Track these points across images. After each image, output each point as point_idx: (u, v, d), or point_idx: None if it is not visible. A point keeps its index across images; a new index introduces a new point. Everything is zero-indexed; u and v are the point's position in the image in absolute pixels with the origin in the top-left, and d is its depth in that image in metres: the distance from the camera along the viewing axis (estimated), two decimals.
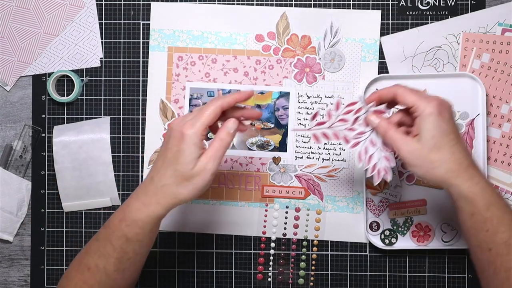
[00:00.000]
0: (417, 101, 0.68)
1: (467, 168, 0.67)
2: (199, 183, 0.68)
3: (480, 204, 0.66)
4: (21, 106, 0.91)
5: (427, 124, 0.67)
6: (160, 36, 0.89)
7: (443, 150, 0.67)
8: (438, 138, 0.66)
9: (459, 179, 0.67)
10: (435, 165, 0.67)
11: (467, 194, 0.66)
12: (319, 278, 0.89)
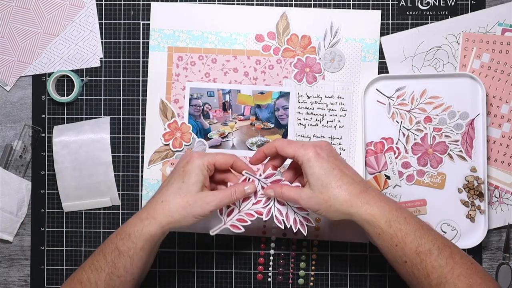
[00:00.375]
0: (295, 151, 0.71)
1: (358, 195, 0.70)
2: (197, 211, 0.72)
3: (381, 223, 0.69)
4: (21, 106, 0.91)
5: (310, 169, 0.70)
6: (160, 36, 0.89)
7: (330, 187, 0.70)
8: (323, 178, 0.70)
9: (354, 207, 0.70)
10: (330, 203, 0.70)
11: (366, 217, 0.70)
12: (319, 278, 0.89)
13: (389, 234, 0.69)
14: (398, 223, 0.69)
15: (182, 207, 0.71)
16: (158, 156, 0.89)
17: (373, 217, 0.70)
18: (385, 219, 0.69)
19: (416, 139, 0.87)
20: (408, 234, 0.69)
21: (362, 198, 0.70)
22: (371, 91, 0.88)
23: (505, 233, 0.88)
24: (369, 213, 0.69)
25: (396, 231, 0.69)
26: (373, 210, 0.70)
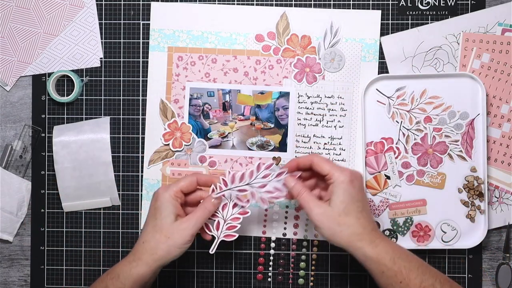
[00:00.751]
0: (331, 170, 0.75)
1: (370, 232, 0.73)
2: (178, 241, 0.74)
3: (386, 261, 0.72)
4: (21, 106, 0.91)
5: (339, 190, 0.73)
6: (160, 36, 0.89)
7: (351, 215, 0.73)
8: (347, 203, 0.73)
9: (362, 242, 0.73)
10: (342, 227, 0.73)
11: (372, 255, 0.72)
12: (319, 278, 0.89)
13: (394, 271, 0.72)
14: (402, 260, 0.72)
15: (162, 242, 0.74)
16: (158, 156, 0.89)
17: (378, 255, 0.72)
18: (390, 257, 0.72)
19: (416, 139, 0.87)
20: (412, 270, 0.72)
21: (372, 235, 0.73)
22: (371, 91, 0.88)
23: (505, 233, 0.88)
24: (375, 251, 0.72)
25: (401, 267, 0.72)
26: (378, 249, 0.72)
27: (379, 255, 0.72)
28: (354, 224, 0.73)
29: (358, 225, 0.73)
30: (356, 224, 0.73)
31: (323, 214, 0.73)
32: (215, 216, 0.79)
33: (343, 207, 0.73)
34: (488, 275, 0.89)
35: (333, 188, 0.74)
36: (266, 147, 0.89)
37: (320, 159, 0.77)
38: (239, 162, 0.89)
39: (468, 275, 0.89)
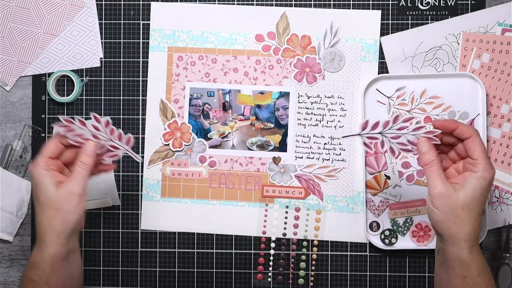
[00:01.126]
0: (482, 160, 0.68)
1: (475, 237, 0.69)
2: (69, 208, 0.69)
3: (474, 270, 0.69)
4: (21, 106, 0.91)
5: (477, 185, 0.67)
6: (160, 36, 0.89)
7: (472, 213, 0.68)
8: (476, 201, 0.68)
9: (466, 243, 0.68)
10: (457, 221, 0.68)
11: (466, 259, 0.68)
12: (319, 278, 0.89)
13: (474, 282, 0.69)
14: (486, 275, 0.70)
15: (54, 216, 0.69)
16: (158, 156, 0.89)
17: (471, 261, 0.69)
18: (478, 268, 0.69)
19: None
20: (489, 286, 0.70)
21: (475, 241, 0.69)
22: (371, 91, 0.88)
23: (505, 233, 0.88)
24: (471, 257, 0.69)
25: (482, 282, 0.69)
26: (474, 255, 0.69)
27: (472, 262, 0.68)
28: (471, 223, 0.68)
29: (472, 226, 0.68)
30: (472, 224, 0.68)
31: (446, 198, 0.68)
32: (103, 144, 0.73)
33: (470, 202, 0.67)
34: None
35: (471, 178, 0.68)
36: (266, 147, 0.89)
37: (478, 141, 0.69)
38: (239, 162, 0.89)
39: None
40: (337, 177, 0.89)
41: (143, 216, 0.90)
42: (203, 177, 0.89)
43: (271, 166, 0.89)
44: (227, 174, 0.89)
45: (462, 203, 0.67)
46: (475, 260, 0.69)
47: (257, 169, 0.89)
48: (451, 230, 0.68)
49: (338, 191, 0.89)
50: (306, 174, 0.89)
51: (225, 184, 0.89)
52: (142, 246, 0.90)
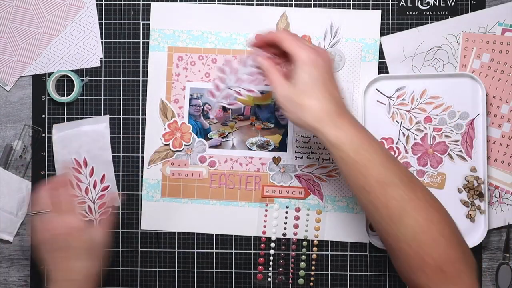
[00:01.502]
0: (295, 49, 0.70)
1: (330, 114, 0.69)
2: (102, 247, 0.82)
3: (347, 149, 0.68)
4: (21, 106, 0.91)
5: (300, 71, 0.69)
6: (160, 36, 0.89)
7: (312, 97, 0.69)
8: (309, 85, 0.69)
9: (326, 128, 0.69)
10: (303, 111, 0.69)
11: (334, 141, 0.68)
12: (319, 278, 0.89)
13: (355, 161, 0.68)
14: (366, 151, 0.68)
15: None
16: (158, 156, 0.89)
17: (340, 142, 0.68)
18: (353, 146, 0.68)
19: (416, 139, 0.87)
20: (374, 163, 0.68)
21: (336, 121, 0.69)
22: (371, 91, 0.88)
23: (505, 233, 0.88)
24: (338, 138, 0.68)
25: (363, 159, 0.68)
26: (342, 136, 0.68)
27: (342, 143, 0.68)
28: (314, 107, 0.69)
29: (319, 110, 0.68)
30: (317, 108, 0.69)
31: (286, 96, 0.70)
32: (82, 203, 0.87)
33: (304, 89, 0.69)
34: (488, 275, 0.89)
35: (296, 68, 0.70)
36: (266, 147, 0.89)
37: (286, 36, 0.72)
38: (239, 162, 0.89)
39: None
40: (337, 177, 0.89)
41: (143, 216, 0.90)
42: (203, 177, 0.89)
43: (271, 166, 0.89)
44: (227, 174, 0.89)
45: (298, 93, 0.69)
46: (347, 140, 0.68)
47: (257, 169, 0.89)
48: (305, 121, 0.70)
49: (338, 191, 0.89)
50: (306, 174, 0.89)
51: (225, 184, 0.89)
52: (142, 246, 0.90)
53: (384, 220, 0.68)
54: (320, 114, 0.69)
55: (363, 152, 0.68)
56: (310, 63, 0.69)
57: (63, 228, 0.76)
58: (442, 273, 0.66)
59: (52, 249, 0.77)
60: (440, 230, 0.67)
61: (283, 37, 0.72)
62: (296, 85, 0.70)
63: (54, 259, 0.77)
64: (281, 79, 0.71)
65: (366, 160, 0.68)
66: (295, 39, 0.72)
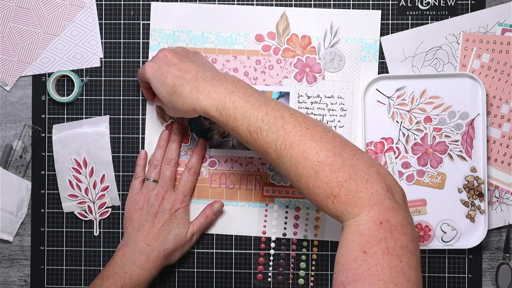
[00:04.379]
0: (142, 74, 0.80)
1: (189, 93, 0.73)
2: (187, 249, 0.87)
3: (213, 113, 0.72)
4: (21, 106, 0.91)
5: (154, 88, 0.78)
6: (160, 36, 0.89)
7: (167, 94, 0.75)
8: (162, 90, 0.76)
9: (190, 105, 0.73)
10: (176, 108, 0.76)
11: (200, 111, 0.73)
12: (319, 278, 0.89)
13: (222, 121, 0.72)
14: (227, 110, 0.71)
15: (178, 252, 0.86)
16: None
17: (205, 109, 0.72)
18: (215, 109, 0.71)
19: (416, 139, 0.87)
20: (236, 118, 0.70)
21: (193, 95, 0.73)
22: (371, 91, 0.88)
23: (505, 233, 0.88)
24: (201, 106, 0.72)
25: (226, 117, 0.71)
26: (203, 103, 0.72)
27: (206, 109, 0.72)
28: (174, 98, 0.75)
29: (176, 96, 0.74)
30: (174, 97, 0.74)
31: (168, 110, 0.80)
32: (82, 203, 0.88)
33: (163, 96, 0.76)
34: (488, 275, 0.89)
35: None
36: None
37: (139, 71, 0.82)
38: (239, 162, 0.89)
39: (468, 275, 0.89)
40: None
41: None
42: (203, 177, 0.89)
43: (271, 166, 0.89)
44: (227, 174, 0.89)
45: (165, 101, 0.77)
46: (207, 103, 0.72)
47: (257, 169, 0.89)
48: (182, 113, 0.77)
49: None
50: None
51: (225, 184, 0.89)
52: None
53: (272, 163, 0.70)
54: (182, 101, 0.74)
55: (225, 110, 0.71)
56: (152, 73, 0.77)
57: (172, 203, 0.83)
58: (335, 198, 0.64)
59: (149, 212, 0.83)
60: (319, 158, 0.65)
61: (138, 76, 0.83)
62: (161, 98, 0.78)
63: (145, 221, 0.83)
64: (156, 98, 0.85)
65: (229, 117, 0.71)
66: (140, 68, 0.81)
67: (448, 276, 0.89)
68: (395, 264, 0.60)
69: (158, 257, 0.82)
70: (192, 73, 0.75)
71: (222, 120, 0.71)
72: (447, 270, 0.89)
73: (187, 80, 0.74)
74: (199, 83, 0.73)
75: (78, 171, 0.88)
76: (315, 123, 0.69)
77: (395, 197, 0.64)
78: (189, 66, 0.76)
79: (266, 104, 0.70)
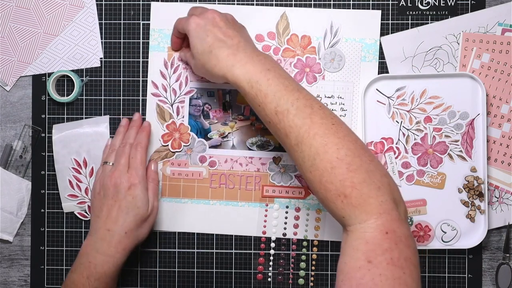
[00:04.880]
0: (182, 25, 0.80)
1: (225, 59, 0.74)
2: (152, 220, 0.83)
3: (244, 84, 0.72)
4: (21, 106, 0.91)
5: (191, 41, 0.77)
6: (160, 36, 0.89)
7: (204, 54, 0.75)
8: (198, 48, 0.76)
9: (223, 71, 0.74)
10: (207, 69, 0.76)
11: (231, 79, 0.73)
12: (319, 278, 0.89)
13: (251, 94, 0.72)
14: (259, 85, 0.71)
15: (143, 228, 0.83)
16: (158, 156, 0.89)
17: (236, 78, 0.72)
18: (247, 80, 0.72)
19: (416, 139, 0.87)
20: (267, 95, 0.70)
21: (229, 60, 0.73)
22: (371, 91, 0.88)
23: (505, 233, 0.88)
24: (233, 74, 0.72)
25: (257, 91, 0.71)
26: (236, 71, 0.72)
27: (238, 79, 0.72)
28: (210, 61, 0.74)
29: (212, 60, 0.74)
30: (210, 60, 0.74)
31: (195, 66, 0.79)
32: (82, 203, 0.89)
33: (198, 52, 0.76)
34: (488, 275, 0.89)
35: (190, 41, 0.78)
36: (266, 147, 0.89)
37: (177, 21, 0.83)
38: (239, 162, 0.89)
39: (468, 275, 0.89)
40: None
41: None
42: (203, 177, 0.89)
43: (271, 166, 0.89)
44: (227, 174, 0.89)
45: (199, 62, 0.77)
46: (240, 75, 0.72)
47: (257, 169, 0.89)
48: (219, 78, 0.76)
49: None
50: None
51: (225, 184, 0.89)
52: (143, 246, 0.90)
53: (288, 149, 0.71)
54: (216, 63, 0.74)
55: (257, 85, 0.71)
56: (195, 28, 0.76)
57: (125, 181, 0.80)
58: (345, 198, 0.64)
59: (105, 195, 0.80)
60: (338, 155, 0.66)
61: (177, 23, 0.83)
62: (194, 54, 0.77)
63: (102, 205, 0.80)
64: (185, 51, 0.85)
65: (259, 92, 0.71)
66: (182, 18, 0.82)
67: (448, 276, 0.89)
68: (398, 275, 0.60)
69: (120, 241, 0.79)
70: (234, 40, 0.75)
71: (251, 94, 0.72)
72: (447, 270, 0.89)
73: (227, 45, 0.75)
74: (238, 52, 0.74)
75: (78, 171, 0.88)
76: (341, 121, 0.70)
77: (399, 211, 0.65)
78: (233, 34, 0.76)
79: (299, 91, 0.71)
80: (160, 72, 0.89)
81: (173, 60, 0.89)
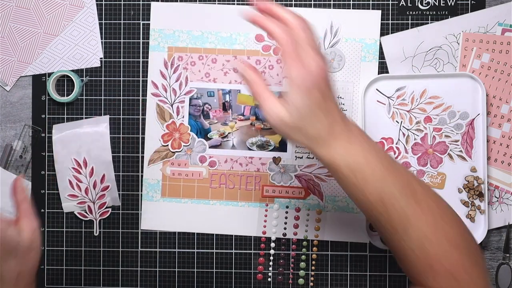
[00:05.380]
0: (288, 61, 0.63)
1: (326, 138, 0.64)
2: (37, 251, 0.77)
3: (342, 169, 0.64)
4: (21, 106, 0.91)
5: (292, 93, 0.62)
6: (160, 36, 0.89)
7: (305, 121, 0.63)
8: (301, 111, 0.63)
9: (318, 148, 0.65)
10: (296, 134, 0.64)
11: (327, 161, 0.65)
12: (319, 278, 0.89)
13: (351, 179, 0.65)
14: (361, 169, 0.64)
15: None
16: (158, 156, 0.89)
17: (331, 160, 0.65)
18: (347, 165, 0.64)
19: (416, 139, 0.87)
20: (371, 180, 0.64)
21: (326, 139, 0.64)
22: (371, 91, 0.88)
23: (505, 233, 0.88)
24: (330, 155, 0.65)
25: (358, 177, 0.64)
26: (333, 153, 0.64)
27: (333, 159, 0.64)
28: (308, 130, 0.63)
29: (312, 132, 0.64)
30: (310, 131, 0.63)
31: (278, 119, 0.63)
32: (82, 203, 0.88)
33: (296, 114, 0.63)
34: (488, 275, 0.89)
35: (287, 87, 0.63)
36: (266, 147, 0.89)
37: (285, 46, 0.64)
38: (239, 162, 0.89)
39: None
40: None
41: (143, 216, 0.90)
42: (203, 177, 0.89)
43: (271, 166, 0.89)
44: (227, 174, 0.89)
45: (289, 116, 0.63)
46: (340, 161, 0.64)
47: (257, 169, 0.89)
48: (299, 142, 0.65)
49: (338, 191, 0.89)
50: (306, 174, 0.89)
51: (225, 184, 0.89)
52: (142, 246, 0.90)
53: (388, 231, 0.66)
54: (312, 136, 0.64)
55: (358, 169, 0.64)
56: (303, 86, 0.62)
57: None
58: (455, 281, 0.64)
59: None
60: (450, 240, 0.65)
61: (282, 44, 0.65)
62: (289, 107, 0.63)
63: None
64: (272, 99, 0.64)
65: (361, 178, 0.64)
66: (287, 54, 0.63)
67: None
68: None
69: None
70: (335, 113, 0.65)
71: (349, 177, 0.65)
72: None
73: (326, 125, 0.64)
74: (337, 129, 0.65)
75: (78, 171, 0.88)
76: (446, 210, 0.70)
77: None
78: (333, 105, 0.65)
79: (399, 171, 0.66)
80: (160, 72, 0.89)
81: (173, 60, 0.89)
